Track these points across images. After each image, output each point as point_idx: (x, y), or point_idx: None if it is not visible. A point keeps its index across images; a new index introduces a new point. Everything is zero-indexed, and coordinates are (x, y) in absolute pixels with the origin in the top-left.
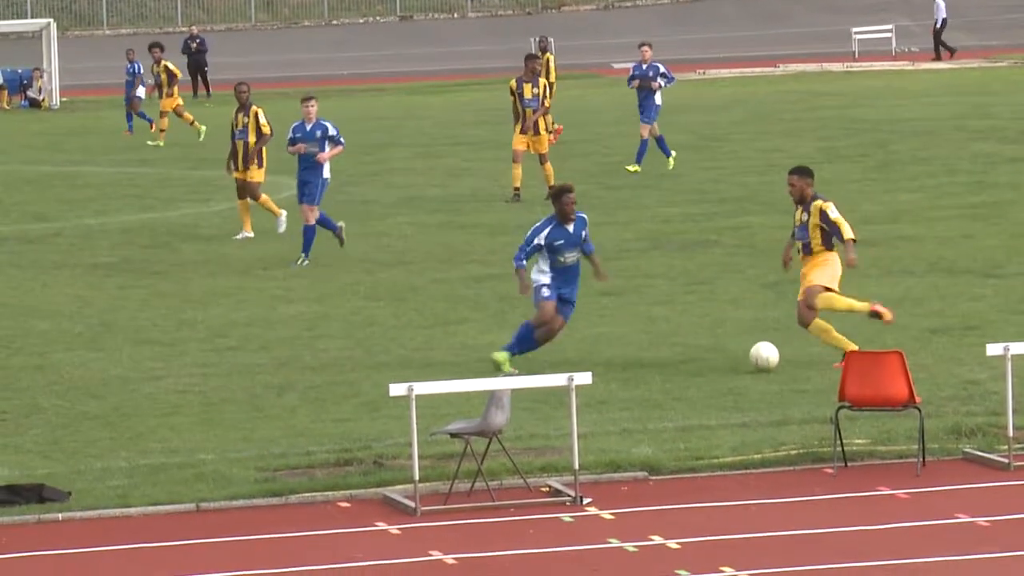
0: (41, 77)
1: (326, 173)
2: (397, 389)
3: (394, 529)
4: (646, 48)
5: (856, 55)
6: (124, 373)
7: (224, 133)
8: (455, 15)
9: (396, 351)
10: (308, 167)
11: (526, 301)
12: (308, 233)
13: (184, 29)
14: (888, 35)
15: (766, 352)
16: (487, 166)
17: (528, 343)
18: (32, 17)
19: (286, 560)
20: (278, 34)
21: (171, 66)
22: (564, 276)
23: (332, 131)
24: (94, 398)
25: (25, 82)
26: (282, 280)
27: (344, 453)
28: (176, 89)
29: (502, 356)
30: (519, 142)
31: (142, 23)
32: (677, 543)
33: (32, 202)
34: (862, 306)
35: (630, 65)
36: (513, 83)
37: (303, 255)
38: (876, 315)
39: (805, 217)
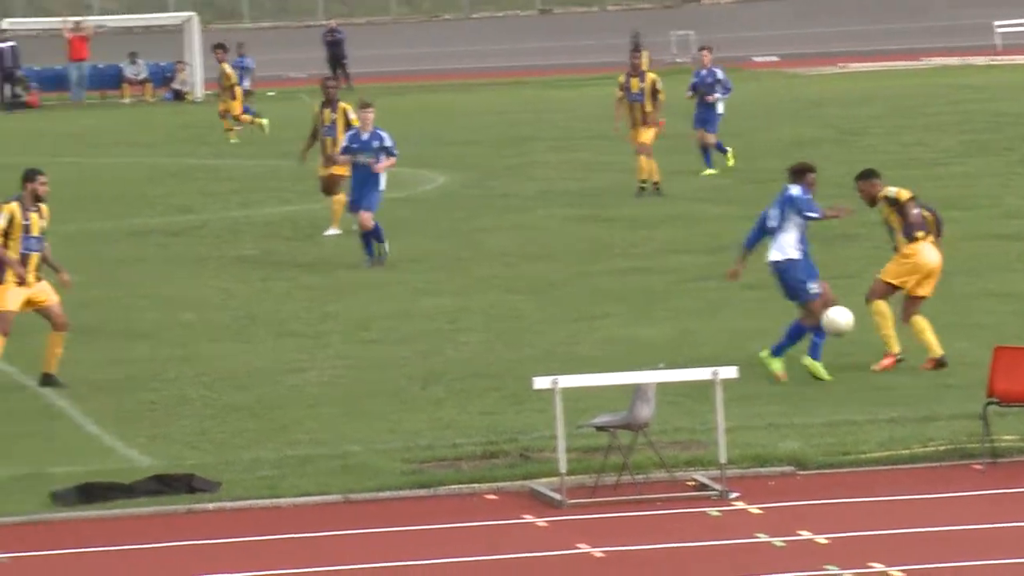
0: (184, 70)
1: (382, 184)
2: (542, 382)
3: (541, 521)
4: (706, 52)
5: (999, 48)
6: (269, 365)
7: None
8: (595, 8)
9: (539, 344)
10: (363, 178)
11: (666, 295)
12: (375, 232)
13: (325, 23)
14: None
15: (837, 318)
16: (625, 160)
17: (799, 336)
18: (174, 11)
19: (434, 552)
20: (418, 28)
21: (228, 70)
22: (807, 246)
23: (388, 142)
24: (240, 389)
25: (168, 75)
26: (423, 273)
27: (490, 446)
28: (238, 91)
29: (814, 365)
30: (633, 137)
31: (283, 17)
32: (825, 538)
33: (176, 195)
34: (892, 346)
35: (773, 58)
36: (622, 78)
37: (382, 246)
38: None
39: (886, 213)
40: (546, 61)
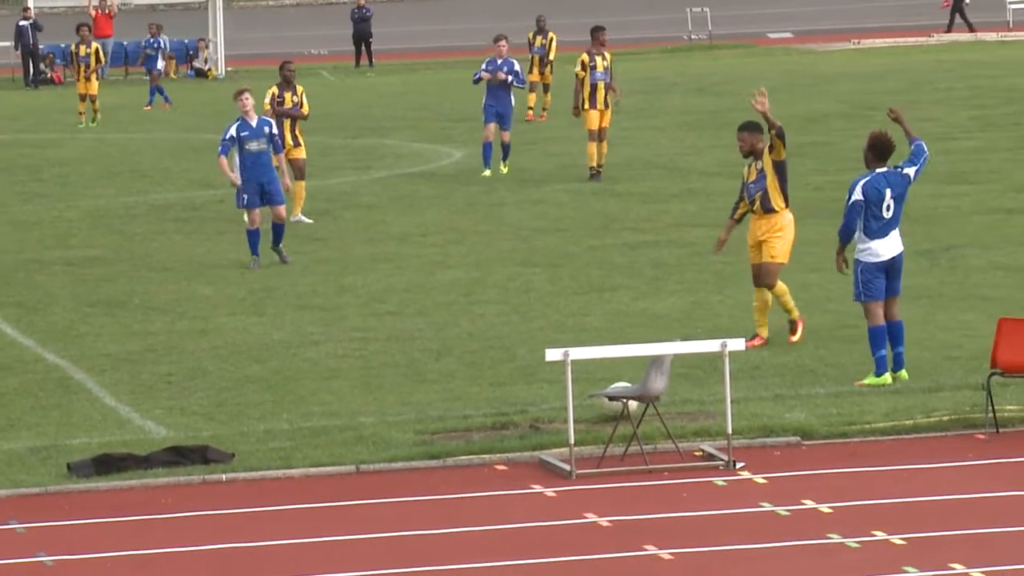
0: (207, 48)
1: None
2: (553, 354)
3: (549, 491)
4: (503, 42)
5: (1010, 25)
6: (285, 338)
7: (390, 104)
8: None
9: (552, 317)
10: (263, 166)
11: (677, 268)
12: (255, 237)
13: (348, 1)
14: None
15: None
16: (641, 135)
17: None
18: None
19: (444, 521)
20: (435, 5)
21: (102, 51)
22: (885, 234)
23: (276, 129)
24: (256, 362)
25: (191, 52)
26: (440, 246)
27: (501, 417)
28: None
29: (878, 380)
30: (593, 120)
31: None
32: (829, 507)
33: (197, 169)
34: (793, 314)
35: (787, 34)
36: (585, 57)
37: (257, 257)
38: (792, 329)
39: (760, 166)
40: (562, 38)
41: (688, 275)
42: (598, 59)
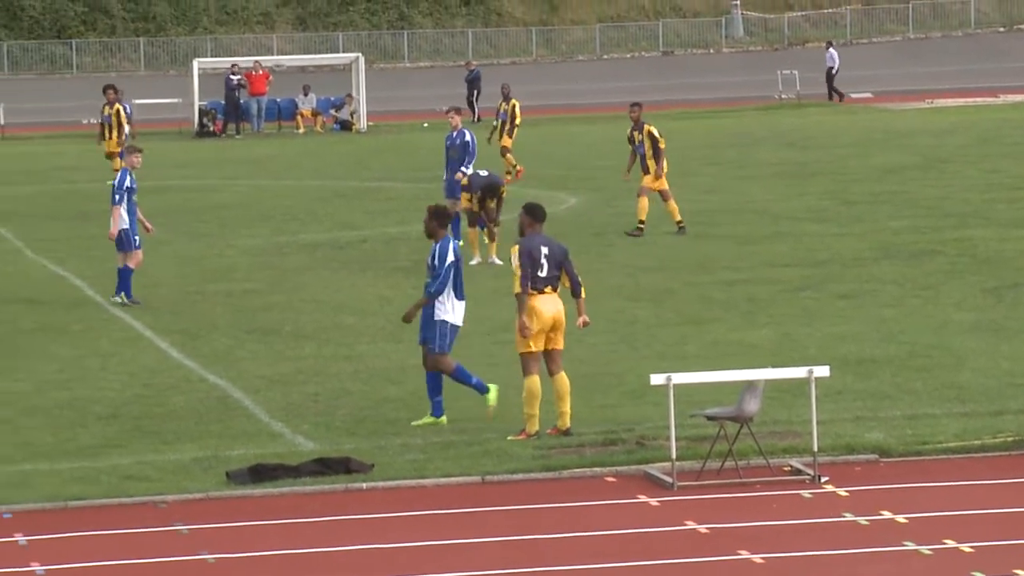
0: (351, 102)
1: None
2: (657, 379)
3: (654, 501)
4: (453, 113)
5: None
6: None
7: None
8: (711, 50)
9: (655, 346)
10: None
11: (768, 303)
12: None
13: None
14: None
15: None
16: (735, 184)
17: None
18: (343, 52)
19: (559, 527)
20: (556, 67)
21: (123, 111)
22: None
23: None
24: (394, 384)
25: (338, 106)
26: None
27: (610, 434)
28: (122, 133)
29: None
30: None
31: (438, 57)
32: (905, 518)
33: (342, 213)
34: (531, 426)
35: (867, 94)
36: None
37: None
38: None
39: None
40: (669, 96)
41: (779, 309)
42: (635, 134)
